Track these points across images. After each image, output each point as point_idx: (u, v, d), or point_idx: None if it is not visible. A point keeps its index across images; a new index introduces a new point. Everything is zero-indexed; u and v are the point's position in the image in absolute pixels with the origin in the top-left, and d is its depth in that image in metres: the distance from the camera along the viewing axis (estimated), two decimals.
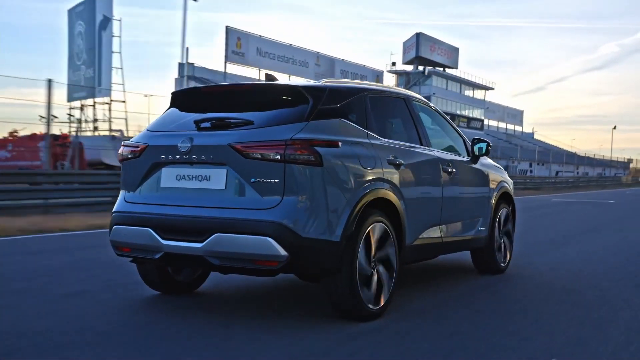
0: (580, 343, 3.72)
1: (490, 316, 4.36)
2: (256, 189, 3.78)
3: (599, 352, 3.54)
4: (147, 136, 4.31)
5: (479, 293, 5.17)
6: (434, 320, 4.18)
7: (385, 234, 4.24)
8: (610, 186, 48.60)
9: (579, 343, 3.72)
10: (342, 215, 3.88)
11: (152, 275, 4.69)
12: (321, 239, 3.77)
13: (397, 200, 4.38)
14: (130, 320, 4.08)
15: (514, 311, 4.53)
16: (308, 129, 3.89)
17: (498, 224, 6.09)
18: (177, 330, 3.80)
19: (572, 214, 15.76)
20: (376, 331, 3.84)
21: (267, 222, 3.69)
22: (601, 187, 45.33)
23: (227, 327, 3.89)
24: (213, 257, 3.83)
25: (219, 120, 4.06)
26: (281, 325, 3.93)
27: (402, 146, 4.68)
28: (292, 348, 3.46)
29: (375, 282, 4.16)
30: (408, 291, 5.05)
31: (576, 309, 4.59)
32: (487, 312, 4.47)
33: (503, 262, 6.17)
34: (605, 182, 52.49)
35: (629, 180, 65.04)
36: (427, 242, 4.89)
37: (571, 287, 5.44)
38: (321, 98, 4.14)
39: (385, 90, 4.96)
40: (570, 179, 47.47)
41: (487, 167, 6.04)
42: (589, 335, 3.88)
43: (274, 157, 3.75)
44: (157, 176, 4.16)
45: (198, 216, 3.89)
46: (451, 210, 5.22)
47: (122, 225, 4.21)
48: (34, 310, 4.23)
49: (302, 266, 3.84)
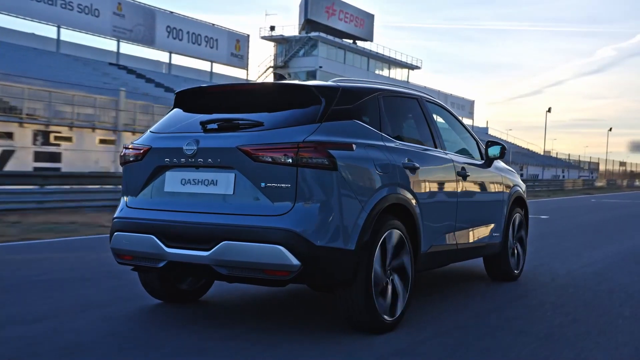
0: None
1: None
2: (266, 194, 3.57)
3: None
4: (150, 138, 4.09)
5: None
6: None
7: (400, 241, 4.03)
8: (573, 191, 38.56)
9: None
10: (357, 222, 3.66)
11: (155, 284, 4.47)
12: (335, 247, 3.55)
13: (413, 205, 4.18)
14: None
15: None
16: (321, 131, 3.68)
17: (512, 229, 5.89)
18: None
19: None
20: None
21: (279, 229, 3.48)
22: (555, 193, 34.79)
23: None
24: (221, 267, 3.61)
25: (226, 121, 3.85)
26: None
27: (417, 149, 4.47)
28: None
29: (390, 292, 3.95)
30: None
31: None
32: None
33: (517, 269, 5.97)
34: (564, 185, 43.14)
35: (604, 183, 55.58)
36: (442, 249, 4.68)
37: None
38: (334, 98, 3.93)
39: (398, 91, 4.75)
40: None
41: (501, 170, 5.84)
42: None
43: (286, 161, 3.54)
44: (161, 180, 3.94)
45: (204, 223, 3.67)
46: (466, 216, 5.01)
47: (123, 232, 3.99)
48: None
49: (316, 276, 3.62)
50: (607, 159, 68.83)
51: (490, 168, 5.61)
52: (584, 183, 49.82)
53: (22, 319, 4.07)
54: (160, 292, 4.53)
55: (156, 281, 4.45)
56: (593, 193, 37.19)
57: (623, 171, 69.89)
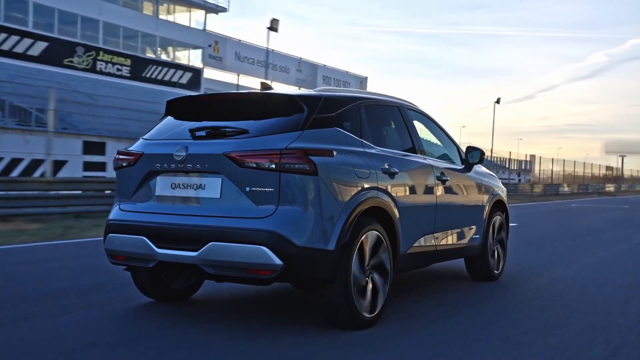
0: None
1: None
2: (251, 198, 3.79)
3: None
4: (142, 145, 4.32)
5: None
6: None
7: (379, 242, 4.25)
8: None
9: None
10: (336, 224, 3.89)
11: (146, 283, 4.68)
12: (316, 247, 3.78)
13: (392, 208, 4.40)
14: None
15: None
16: (303, 138, 3.90)
17: (492, 231, 6.11)
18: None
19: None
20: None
21: (262, 231, 3.70)
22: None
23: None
24: (208, 266, 3.83)
25: (214, 129, 4.07)
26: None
27: (396, 155, 4.70)
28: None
29: (369, 291, 4.17)
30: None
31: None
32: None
33: (497, 270, 6.19)
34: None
35: (541, 189, 39.31)
36: (422, 250, 4.90)
37: None
38: (316, 107, 4.15)
39: (379, 99, 4.98)
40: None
41: (481, 175, 6.06)
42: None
43: (269, 166, 3.76)
44: (152, 184, 4.16)
45: (193, 225, 3.89)
46: (445, 219, 5.24)
47: (116, 233, 4.21)
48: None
49: (297, 275, 3.84)
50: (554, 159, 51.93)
51: (470, 173, 5.84)
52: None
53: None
54: (151, 291, 4.74)
55: (148, 281, 4.66)
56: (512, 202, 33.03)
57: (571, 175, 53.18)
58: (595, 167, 60.48)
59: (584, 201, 30.61)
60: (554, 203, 28.22)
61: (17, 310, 4.46)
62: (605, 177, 62.37)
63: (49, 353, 3.47)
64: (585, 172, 57.03)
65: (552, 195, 37.53)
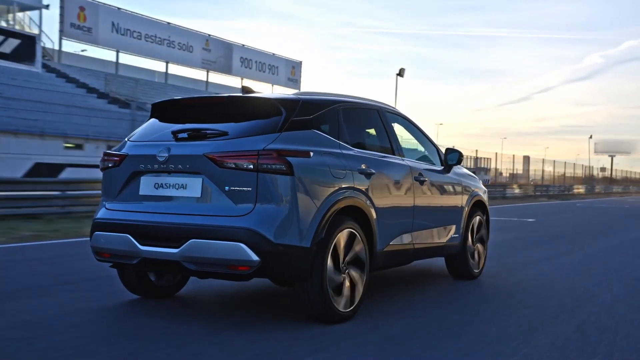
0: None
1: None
2: (230, 197, 3.96)
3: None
4: (127, 146, 4.48)
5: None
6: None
7: (356, 240, 4.41)
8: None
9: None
10: (312, 222, 4.05)
11: (133, 281, 4.84)
12: (292, 244, 3.94)
13: (368, 207, 4.56)
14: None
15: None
16: (280, 140, 4.07)
17: (471, 231, 6.27)
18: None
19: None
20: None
21: (240, 228, 3.87)
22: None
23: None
24: (189, 262, 4.00)
25: (195, 131, 4.24)
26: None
27: (373, 156, 4.86)
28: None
29: (346, 287, 4.33)
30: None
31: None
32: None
33: (476, 269, 6.35)
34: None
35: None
36: (399, 249, 5.07)
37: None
38: (294, 110, 4.32)
39: (358, 102, 5.15)
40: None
41: (461, 176, 6.23)
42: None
43: (247, 167, 3.93)
44: (137, 184, 4.33)
45: (175, 223, 4.06)
46: (423, 218, 5.40)
47: (102, 231, 4.37)
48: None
49: (274, 271, 4.01)
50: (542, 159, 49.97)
51: (450, 174, 6.00)
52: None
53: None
54: (138, 288, 4.90)
55: (134, 278, 4.83)
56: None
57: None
58: (581, 167, 59.32)
59: (520, 207, 23.69)
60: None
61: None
62: (586, 178, 59.90)
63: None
64: (574, 172, 55.67)
65: (499, 198, 30.04)
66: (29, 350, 3.56)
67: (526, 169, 48.01)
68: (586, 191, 49.94)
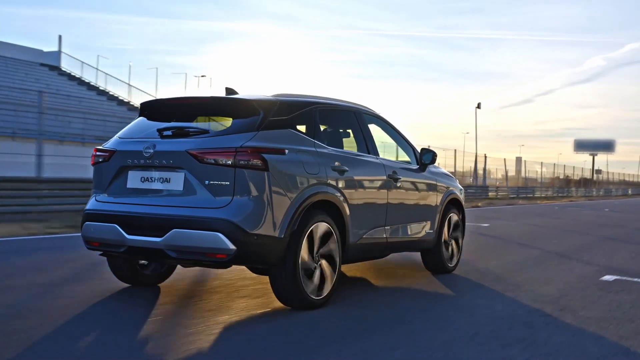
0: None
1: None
2: (210, 190, 4.29)
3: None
4: (116, 142, 4.82)
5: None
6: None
7: (328, 232, 4.74)
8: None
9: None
10: (285, 215, 4.38)
11: (122, 270, 5.17)
12: (266, 234, 4.27)
13: (341, 202, 4.89)
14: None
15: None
16: (257, 138, 4.40)
17: (447, 227, 6.58)
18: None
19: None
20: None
21: (218, 219, 4.19)
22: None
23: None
24: (171, 250, 4.32)
25: (179, 129, 4.57)
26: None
27: (347, 154, 5.19)
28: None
29: (318, 275, 4.66)
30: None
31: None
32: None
33: (451, 263, 6.66)
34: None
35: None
36: (372, 242, 5.38)
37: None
38: (272, 110, 4.65)
39: (335, 104, 5.48)
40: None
41: (436, 175, 6.54)
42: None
43: (226, 163, 4.26)
44: (124, 178, 4.65)
45: (159, 214, 4.38)
46: (397, 214, 5.72)
47: (92, 222, 4.70)
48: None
49: (249, 259, 4.34)
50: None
51: (425, 172, 6.32)
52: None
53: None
54: (127, 277, 5.23)
55: (123, 267, 5.15)
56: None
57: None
58: (569, 168, 58.24)
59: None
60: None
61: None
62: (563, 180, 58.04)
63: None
64: (564, 174, 54.75)
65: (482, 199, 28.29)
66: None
67: (518, 169, 48.25)
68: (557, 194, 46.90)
